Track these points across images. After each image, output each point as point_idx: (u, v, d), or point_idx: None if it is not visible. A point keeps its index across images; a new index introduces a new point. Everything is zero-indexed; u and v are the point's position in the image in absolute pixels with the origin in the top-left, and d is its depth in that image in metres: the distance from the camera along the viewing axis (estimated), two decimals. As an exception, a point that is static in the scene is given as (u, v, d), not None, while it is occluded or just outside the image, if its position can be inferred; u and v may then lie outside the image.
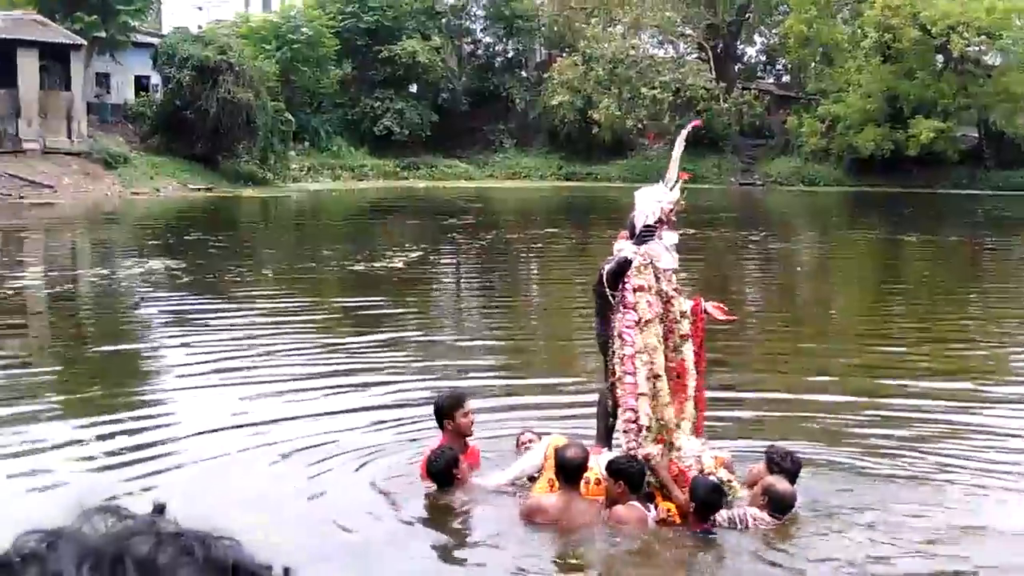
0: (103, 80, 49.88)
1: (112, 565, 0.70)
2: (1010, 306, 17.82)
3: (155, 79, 50.01)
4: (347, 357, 12.05)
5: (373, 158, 56.98)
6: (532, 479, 7.00)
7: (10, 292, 17.14)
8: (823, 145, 54.72)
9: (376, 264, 21.57)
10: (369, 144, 57.57)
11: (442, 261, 24.70)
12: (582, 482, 6.55)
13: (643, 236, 6.99)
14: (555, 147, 61.11)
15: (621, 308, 6.79)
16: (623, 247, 7.00)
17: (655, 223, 7.01)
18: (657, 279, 6.94)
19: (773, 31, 63.16)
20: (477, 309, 18.23)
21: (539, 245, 27.39)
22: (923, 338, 14.00)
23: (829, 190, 53.84)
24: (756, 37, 67.86)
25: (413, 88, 60.57)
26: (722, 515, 6.38)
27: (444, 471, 6.98)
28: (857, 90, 52.44)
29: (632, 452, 6.57)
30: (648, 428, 6.54)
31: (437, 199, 44.17)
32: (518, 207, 43.21)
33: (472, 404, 7.52)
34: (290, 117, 48.43)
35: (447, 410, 7.30)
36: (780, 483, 6.51)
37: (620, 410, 6.73)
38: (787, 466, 6.74)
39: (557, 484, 6.57)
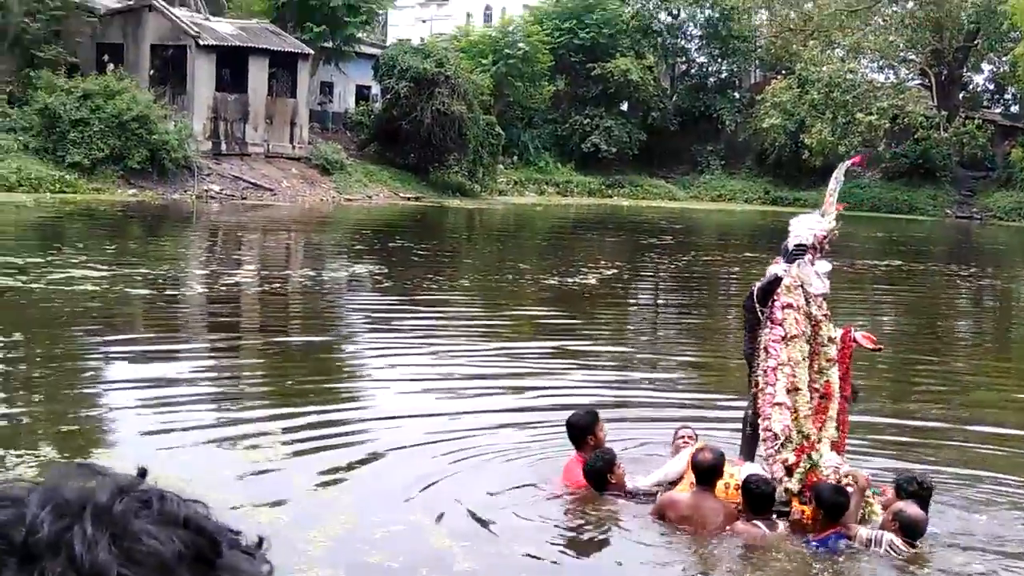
0: (327, 88, 52.20)
1: (72, 510, 0.81)
2: None
3: (375, 89, 51.99)
4: (514, 362, 12.75)
5: (579, 174, 57.53)
6: (673, 484, 7.26)
7: (224, 288, 18.31)
8: (1048, 179, 52.04)
9: (570, 279, 21.92)
10: (576, 160, 58.15)
11: (635, 280, 24.83)
12: (722, 485, 6.83)
13: (793, 255, 7.25)
14: (763, 170, 60.31)
15: (769, 323, 7.09)
16: (775, 267, 7.19)
17: (807, 246, 7.23)
18: (807, 302, 7.15)
19: (1003, 58, 60.44)
20: (657, 326, 18.35)
21: (736, 269, 27.16)
22: None
23: (1054, 227, 51.22)
24: (984, 64, 65.12)
25: (624, 106, 60.92)
26: (862, 534, 6.40)
27: (602, 472, 7.29)
28: (1091, 123, 49.65)
29: (769, 458, 6.79)
30: (786, 437, 6.72)
31: (639, 218, 44.30)
32: (720, 229, 42.89)
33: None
34: (500, 131, 49.45)
35: (589, 427, 7.63)
36: (910, 507, 6.53)
37: (760, 419, 6.93)
38: (914, 490, 6.79)
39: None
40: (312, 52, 44.87)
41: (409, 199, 44.26)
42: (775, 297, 7.15)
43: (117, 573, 0.78)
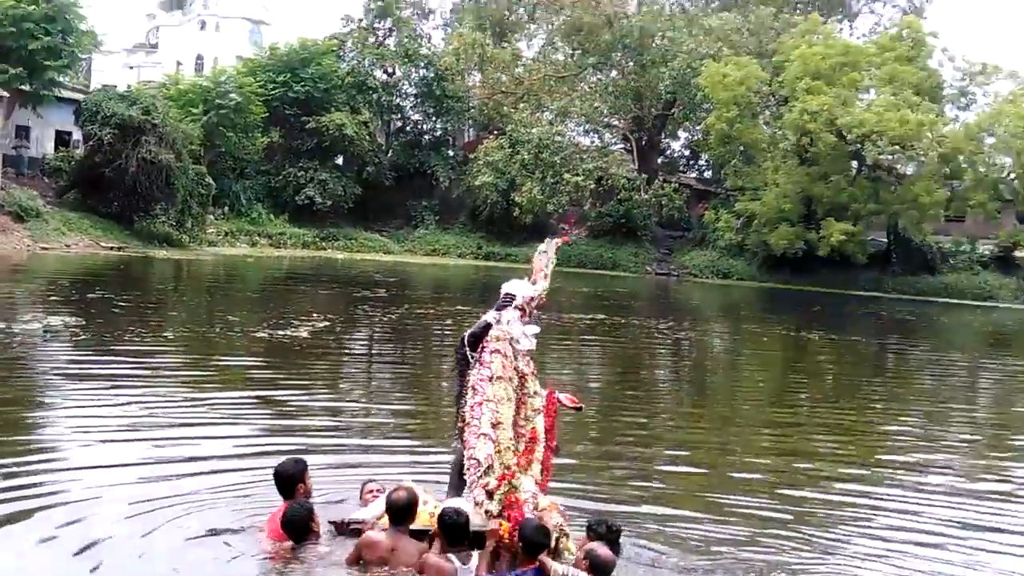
0: (22, 132, 49.33)
1: None
2: (897, 404, 18.24)
3: (76, 135, 49.61)
4: (208, 411, 12.53)
5: (293, 227, 56.84)
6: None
7: None
8: (738, 240, 55.85)
9: (280, 332, 21.43)
10: (290, 212, 57.48)
11: (348, 332, 24.59)
12: (427, 515, 7.13)
13: (502, 303, 7.79)
14: (476, 226, 61.64)
15: (478, 365, 7.48)
16: (487, 315, 7.52)
17: (514, 296, 7.79)
18: (515, 356, 7.61)
19: (697, 127, 64.60)
20: (370, 376, 18.19)
21: (449, 321, 27.43)
22: (817, 424, 14.31)
23: (742, 284, 54.93)
24: (680, 132, 69.45)
25: (339, 160, 60.88)
26: (557, 570, 6.53)
27: (304, 523, 7.18)
28: (774, 189, 53.73)
29: (472, 484, 7.01)
30: (488, 466, 6.97)
31: (354, 271, 44.12)
32: (433, 283, 43.30)
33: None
34: (211, 181, 48.19)
35: (298, 476, 7.52)
36: (601, 548, 6.76)
37: (465, 450, 7.21)
38: (603, 532, 7.16)
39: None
40: (7, 95, 42.29)
41: (112, 248, 42.23)
42: (485, 343, 7.54)
43: None
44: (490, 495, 6.82)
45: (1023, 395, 22.29)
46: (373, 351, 22.41)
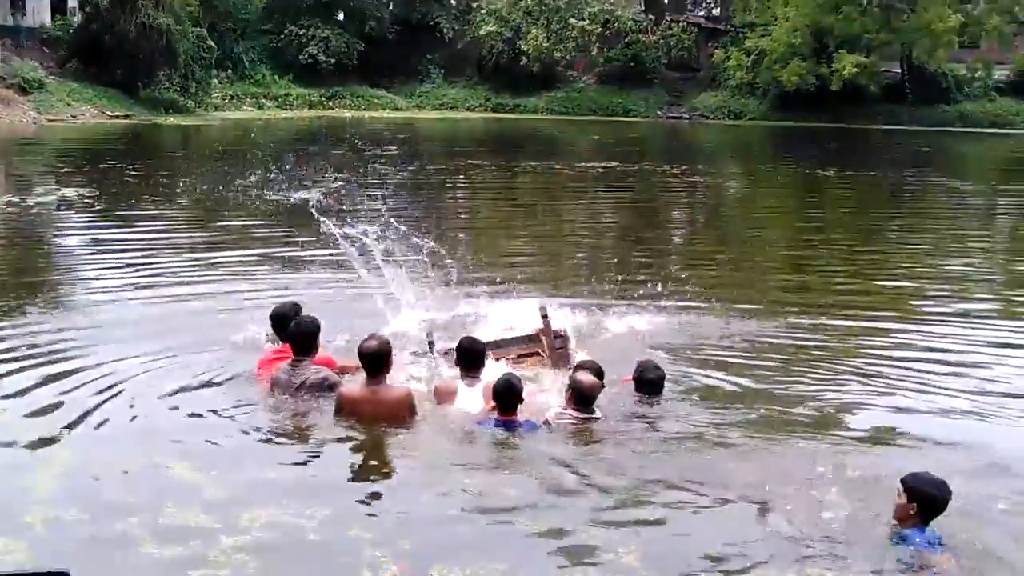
0: (18, 2, 48.40)
1: None
2: (914, 240, 18.25)
3: (72, 2, 48.67)
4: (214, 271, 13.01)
5: (298, 87, 56.16)
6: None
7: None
8: (749, 79, 54.99)
9: (295, 194, 21.38)
10: (294, 73, 56.68)
11: (360, 191, 24.51)
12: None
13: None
14: (483, 78, 60.71)
15: None
16: None
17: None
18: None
19: (704, -38, 62.96)
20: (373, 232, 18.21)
21: (461, 176, 27.34)
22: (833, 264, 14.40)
23: (755, 124, 54.26)
24: (687, -31, 67.72)
25: (340, 16, 59.70)
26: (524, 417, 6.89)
27: (313, 334, 7.50)
28: (783, 24, 52.65)
29: None
30: None
31: (362, 129, 43.75)
32: (444, 138, 43.00)
33: None
34: (212, 44, 47.48)
35: (298, 313, 7.87)
36: (584, 376, 6.98)
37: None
38: (647, 375, 7.50)
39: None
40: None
41: (118, 117, 41.91)
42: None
43: None
44: None
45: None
46: (387, 207, 22.35)
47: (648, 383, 7.49)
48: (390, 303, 9.59)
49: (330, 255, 12.28)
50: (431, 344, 8.08)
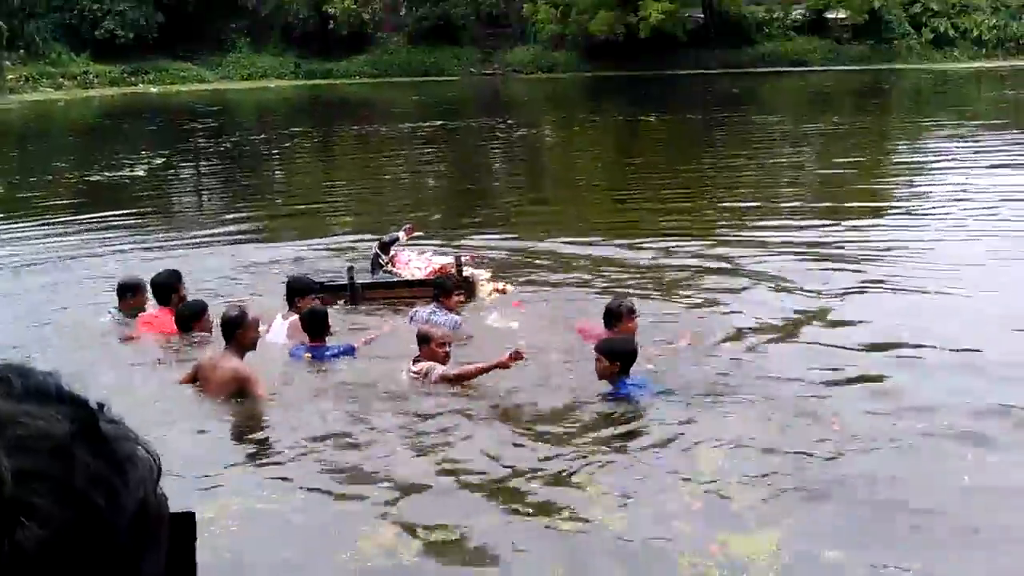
0: None
1: None
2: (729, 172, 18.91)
3: None
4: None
5: (97, 64, 53.65)
6: None
7: None
8: (559, 31, 55.49)
9: (115, 173, 20.61)
10: (92, 49, 54.07)
11: (186, 166, 23.79)
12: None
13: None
14: (291, 45, 59.33)
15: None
16: None
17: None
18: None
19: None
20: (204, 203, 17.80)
21: (287, 145, 26.85)
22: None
23: (568, 76, 54.81)
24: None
25: (134, -13, 57.25)
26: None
27: (195, 316, 8.16)
28: (589, -27, 53.20)
29: None
30: None
31: (172, 103, 42.35)
32: (259, 108, 42.02)
33: None
34: (1, 24, 44.96)
35: (176, 281, 8.55)
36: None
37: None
38: (615, 308, 8.00)
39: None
40: None
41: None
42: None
43: (14, 471, 0.64)
44: None
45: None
46: (225, 178, 21.78)
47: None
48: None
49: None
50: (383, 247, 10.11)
